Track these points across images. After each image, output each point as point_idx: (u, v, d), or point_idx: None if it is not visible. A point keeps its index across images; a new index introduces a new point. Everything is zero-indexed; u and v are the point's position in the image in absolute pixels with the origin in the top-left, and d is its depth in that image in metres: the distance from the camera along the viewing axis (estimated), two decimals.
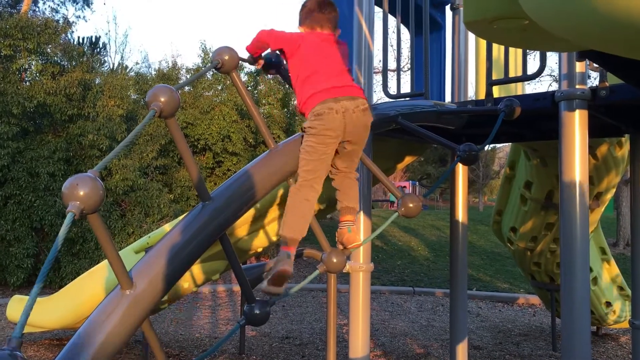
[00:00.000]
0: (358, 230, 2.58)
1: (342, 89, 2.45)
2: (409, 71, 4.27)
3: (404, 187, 35.35)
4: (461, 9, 4.65)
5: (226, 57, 2.42)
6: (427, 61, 3.85)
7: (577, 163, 3.19)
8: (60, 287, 8.21)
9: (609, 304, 6.84)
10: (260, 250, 5.59)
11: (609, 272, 6.96)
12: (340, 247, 2.60)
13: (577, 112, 3.18)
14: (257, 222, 5.12)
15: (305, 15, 2.65)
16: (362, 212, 4.07)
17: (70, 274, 10.25)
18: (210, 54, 15.81)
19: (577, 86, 3.19)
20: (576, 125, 3.18)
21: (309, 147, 2.41)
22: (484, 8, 1.93)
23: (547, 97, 3.41)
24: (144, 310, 1.96)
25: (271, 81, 16.04)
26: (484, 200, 40.53)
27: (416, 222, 20.23)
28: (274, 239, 5.24)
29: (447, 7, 4.85)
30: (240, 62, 2.54)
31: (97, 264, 6.95)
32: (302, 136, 2.47)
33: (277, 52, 2.65)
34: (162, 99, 1.99)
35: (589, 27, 1.22)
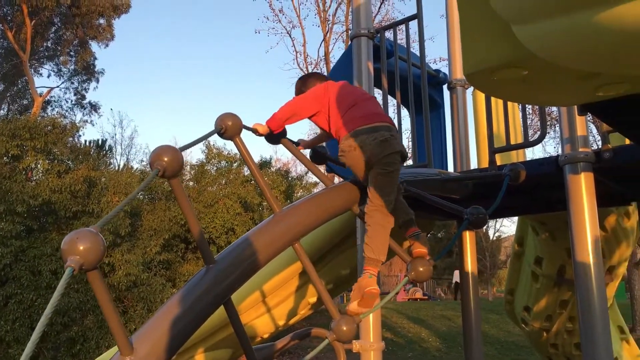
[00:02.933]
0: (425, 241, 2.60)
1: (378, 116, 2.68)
2: (410, 149, 4.31)
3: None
4: (458, 87, 4.78)
5: (229, 123, 2.44)
6: (428, 131, 3.90)
7: (587, 227, 3.14)
8: None
9: None
10: (266, 337, 5.39)
11: (629, 353, 6.66)
12: (416, 255, 2.62)
13: (583, 175, 3.17)
14: (262, 306, 4.97)
15: (305, 82, 2.90)
16: None
17: None
18: (214, 149, 16.13)
19: (580, 149, 3.19)
20: (583, 189, 3.15)
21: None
22: (483, 58, 1.95)
23: (550, 162, 3.40)
24: None
25: (274, 174, 16.24)
26: (493, 292, 39.72)
27: (425, 313, 19.71)
28: (281, 323, 5.07)
29: (445, 87, 4.99)
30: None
31: None
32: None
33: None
34: (166, 159, 1.98)
35: (596, 45, 1.22)
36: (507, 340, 15.13)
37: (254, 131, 2.67)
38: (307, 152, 3.20)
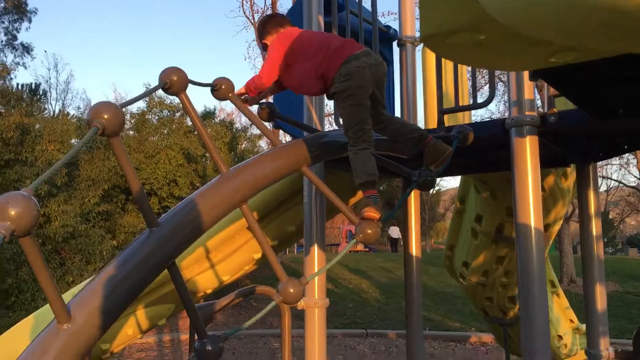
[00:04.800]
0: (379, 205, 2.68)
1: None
2: None
3: (351, 230, 35.36)
4: (408, 45, 4.72)
5: (174, 78, 2.31)
6: None
7: (530, 189, 3.20)
8: None
9: (560, 338, 6.87)
10: (209, 292, 5.35)
11: (559, 305, 7.02)
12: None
13: (528, 138, 3.21)
14: (206, 262, 4.91)
15: (266, 27, 2.96)
16: (316, 245, 3.96)
17: (3, 327, 9.60)
18: (155, 98, 15.62)
19: (527, 113, 3.23)
20: (527, 152, 3.20)
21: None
22: (439, 22, 1.91)
23: (497, 124, 3.43)
24: (83, 347, 1.78)
25: (218, 125, 15.93)
26: (431, 243, 41.01)
27: (366, 264, 20.17)
28: (225, 279, 5.03)
29: (394, 44, 4.92)
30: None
31: None
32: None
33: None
34: (106, 116, 1.86)
35: (558, 15, 1.19)
36: (443, 291, 15.71)
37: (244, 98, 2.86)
38: (254, 109, 3.10)
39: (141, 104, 15.82)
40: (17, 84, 22.40)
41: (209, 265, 5.00)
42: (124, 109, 2.05)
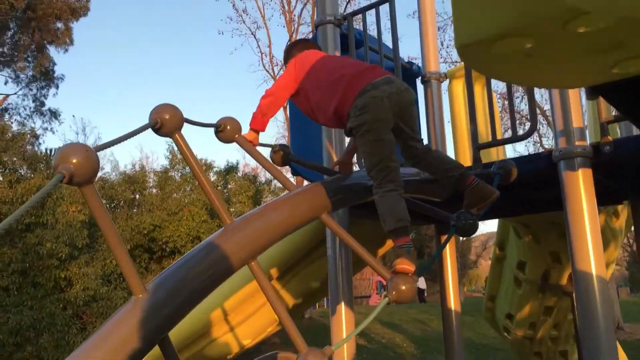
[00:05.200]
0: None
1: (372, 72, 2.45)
2: None
3: (381, 281, 34.50)
4: (433, 81, 4.38)
5: (166, 116, 1.98)
6: None
7: (587, 230, 2.76)
8: None
9: None
10: (230, 357, 4.91)
11: None
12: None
13: (580, 171, 2.79)
14: (224, 324, 4.50)
15: (288, 54, 2.80)
16: (342, 303, 3.54)
17: None
18: (178, 155, 15.53)
19: (577, 143, 2.82)
20: (581, 187, 2.78)
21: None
22: (480, 26, 1.54)
23: (542, 158, 3.02)
24: None
25: (241, 179, 15.74)
26: (464, 291, 39.82)
27: (399, 317, 19.38)
28: (246, 342, 4.60)
29: (418, 81, 4.59)
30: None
31: None
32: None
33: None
34: (74, 160, 1.52)
35: None
36: (482, 343, 14.88)
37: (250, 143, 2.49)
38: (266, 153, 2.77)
39: (164, 161, 15.76)
40: (46, 149, 22.75)
41: (228, 329, 4.58)
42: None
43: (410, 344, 15.31)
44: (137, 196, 14.78)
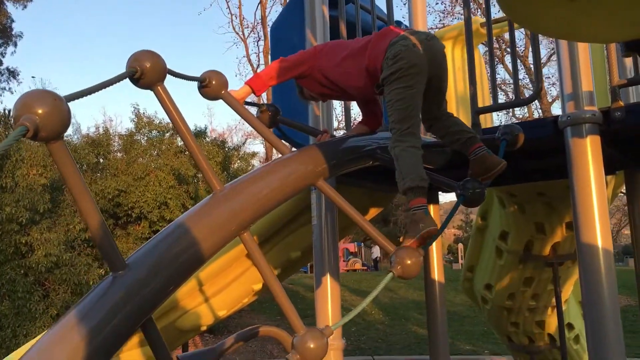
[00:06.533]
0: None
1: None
2: None
3: (348, 249, 34.61)
4: None
5: (147, 65, 1.71)
6: None
7: (594, 201, 2.61)
8: None
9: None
10: (204, 329, 4.71)
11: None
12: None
13: (589, 138, 2.63)
14: (199, 295, 4.28)
15: None
16: (328, 275, 3.35)
17: None
18: (144, 118, 15.01)
19: (586, 107, 2.64)
20: (589, 156, 2.61)
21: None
22: None
23: (547, 124, 2.85)
24: None
25: (210, 144, 15.34)
26: None
27: (367, 284, 19.47)
28: (221, 313, 4.40)
29: None
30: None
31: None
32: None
33: None
34: (40, 111, 1.25)
35: None
36: (449, 310, 15.02)
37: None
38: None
39: (129, 124, 15.24)
40: (4, 109, 21.73)
41: (203, 299, 4.36)
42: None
43: (379, 312, 15.38)
44: (101, 160, 14.23)
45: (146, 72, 1.70)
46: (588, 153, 2.61)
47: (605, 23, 1.53)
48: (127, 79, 1.68)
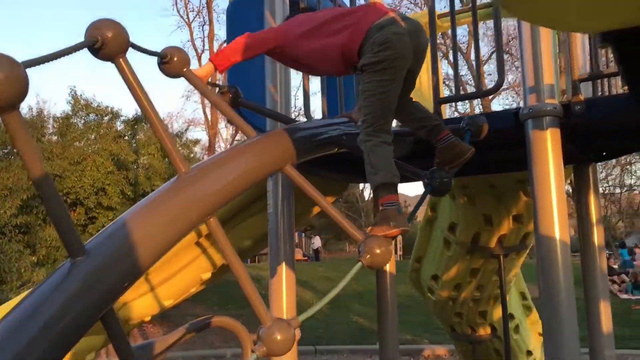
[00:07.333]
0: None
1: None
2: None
3: None
4: None
5: (109, 34, 1.57)
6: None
7: (553, 194, 2.64)
8: None
9: (529, 353, 6.43)
10: (147, 319, 4.54)
11: (528, 318, 6.58)
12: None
13: (549, 131, 2.65)
14: (144, 284, 4.11)
15: None
16: (284, 264, 3.27)
17: None
18: (82, 100, 14.41)
19: (547, 100, 2.66)
20: (549, 148, 2.64)
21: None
22: None
23: (508, 116, 2.86)
24: None
25: (149, 130, 14.90)
26: None
27: (308, 274, 19.48)
28: (167, 303, 4.24)
29: None
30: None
31: None
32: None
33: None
34: None
35: None
36: None
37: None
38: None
39: (65, 107, 14.58)
40: None
41: (148, 288, 4.19)
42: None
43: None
44: (35, 143, 13.62)
45: (107, 42, 1.57)
46: (548, 145, 2.64)
47: (591, 11, 1.51)
48: (87, 49, 1.55)
